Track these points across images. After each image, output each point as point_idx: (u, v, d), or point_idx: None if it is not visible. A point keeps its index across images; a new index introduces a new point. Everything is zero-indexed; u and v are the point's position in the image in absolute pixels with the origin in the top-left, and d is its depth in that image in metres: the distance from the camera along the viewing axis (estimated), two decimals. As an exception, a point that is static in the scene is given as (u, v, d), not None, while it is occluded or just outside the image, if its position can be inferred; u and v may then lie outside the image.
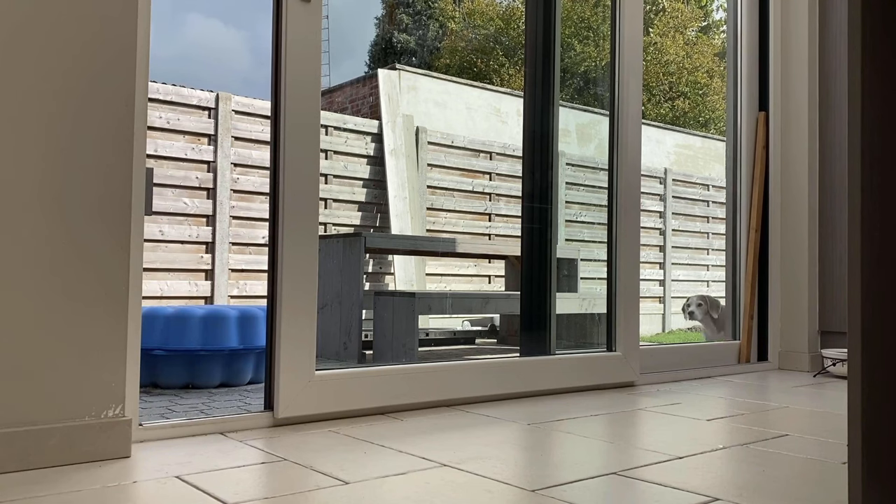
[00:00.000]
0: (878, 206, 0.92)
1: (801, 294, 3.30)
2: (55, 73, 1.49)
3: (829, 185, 3.32)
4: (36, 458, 1.43)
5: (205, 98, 5.21)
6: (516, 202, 6.64)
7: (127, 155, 1.57)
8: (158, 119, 4.96)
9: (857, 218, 0.92)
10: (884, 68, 0.92)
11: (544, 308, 2.79)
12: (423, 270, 5.99)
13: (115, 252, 1.54)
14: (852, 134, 0.93)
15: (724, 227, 3.55)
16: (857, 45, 0.92)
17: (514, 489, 1.35)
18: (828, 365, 3.10)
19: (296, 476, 1.41)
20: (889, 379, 0.91)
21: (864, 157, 0.92)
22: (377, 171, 5.99)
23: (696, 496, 1.33)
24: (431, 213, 6.24)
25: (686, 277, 8.51)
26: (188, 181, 5.09)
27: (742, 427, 1.97)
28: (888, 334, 0.91)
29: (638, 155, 2.76)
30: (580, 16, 6.92)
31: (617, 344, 2.69)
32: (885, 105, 0.92)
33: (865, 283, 0.91)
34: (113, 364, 1.54)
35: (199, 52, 46.86)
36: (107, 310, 1.53)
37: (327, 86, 8.08)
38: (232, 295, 5.23)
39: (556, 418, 2.04)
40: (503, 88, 9.82)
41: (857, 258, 0.91)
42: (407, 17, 18.65)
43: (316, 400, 1.92)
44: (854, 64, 0.93)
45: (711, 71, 16.52)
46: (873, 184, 0.92)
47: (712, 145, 10.19)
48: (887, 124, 0.92)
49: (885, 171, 0.92)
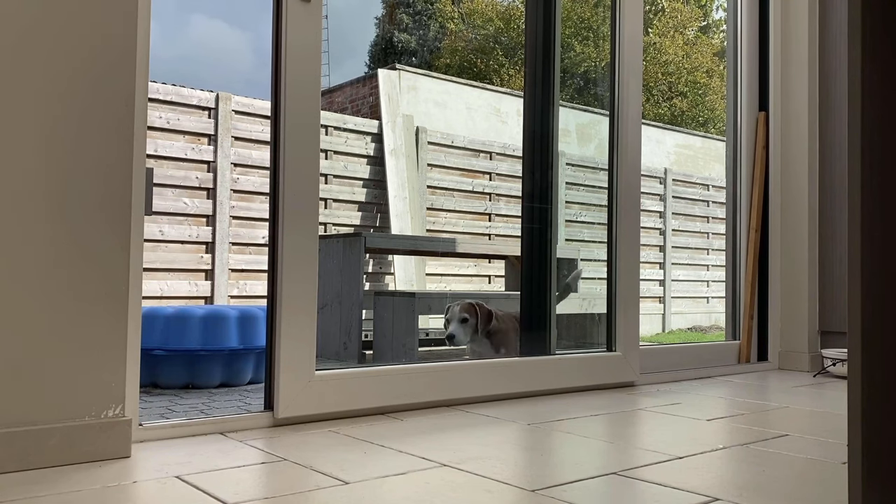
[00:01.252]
0: (878, 206, 0.92)
1: (801, 294, 3.30)
2: (57, 74, 1.49)
3: (829, 185, 3.32)
4: (36, 458, 1.43)
5: (205, 98, 5.21)
6: (516, 202, 6.63)
7: (127, 155, 1.57)
8: (158, 119, 4.96)
9: (857, 218, 0.91)
10: (884, 68, 0.92)
11: (544, 308, 2.79)
12: (423, 270, 5.99)
13: (115, 252, 1.54)
14: (852, 134, 0.93)
15: (724, 227, 3.55)
16: (857, 45, 0.92)
17: (514, 489, 1.35)
18: (828, 365, 3.10)
19: (296, 476, 1.41)
20: (889, 379, 0.91)
21: (864, 157, 0.91)
22: (377, 171, 5.99)
23: (696, 496, 1.33)
24: (431, 213, 6.24)
25: (686, 277, 8.51)
26: (188, 181, 5.09)
27: (742, 427, 1.96)
28: (888, 334, 0.91)
29: (638, 155, 2.76)
30: (580, 16, 6.92)
31: (617, 344, 2.69)
32: (885, 105, 0.92)
33: (865, 283, 0.91)
34: (113, 364, 1.54)
35: (203, 53, 46.89)
36: (107, 310, 1.53)
37: (327, 86, 8.08)
38: (232, 295, 5.23)
39: (556, 418, 2.04)
40: (503, 88, 9.82)
41: (857, 258, 0.91)
42: (407, 17, 18.65)
43: (316, 400, 1.92)
44: (854, 64, 0.93)
45: (711, 70, 16.52)
46: (873, 184, 0.92)
47: (712, 145, 10.19)
48: (887, 124, 0.92)
49: (885, 171, 0.92)
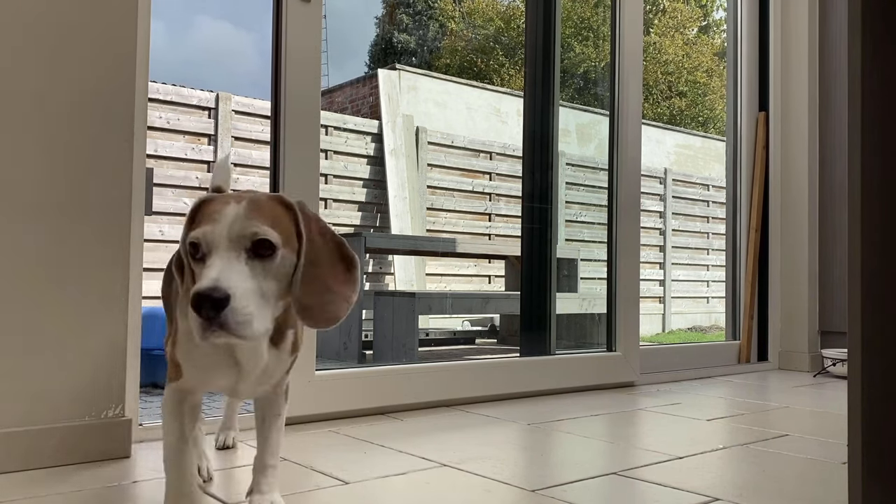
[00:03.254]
0: (879, 206, 0.92)
1: (801, 294, 3.30)
2: (57, 74, 1.49)
3: (829, 185, 3.32)
4: (36, 458, 1.43)
5: (205, 98, 5.21)
6: (516, 202, 6.63)
7: (127, 155, 1.57)
8: (158, 119, 4.96)
9: (857, 218, 0.91)
10: (884, 68, 0.92)
11: (544, 308, 2.79)
12: (423, 270, 5.98)
13: (115, 252, 1.54)
14: (852, 134, 0.93)
15: (724, 227, 3.55)
16: (857, 45, 0.92)
17: (514, 489, 1.35)
18: (828, 365, 3.10)
19: (296, 476, 1.41)
20: (889, 379, 0.91)
21: (864, 158, 0.91)
22: (377, 171, 5.99)
23: (696, 496, 1.32)
24: (431, 213, 6.24)
25: (686, 277, 8.50)
26: (188, 181, 5.09)
27: (742, 427, 1.96)
28: (888, 334, 0.91)
29: (638, 155, 2.76)
30: (580, 16, 6.91)
31: (617, 344, 2.69)
32: (885, 105, 0.92)
33: (865, 283, 0.91)
34: (113, 364, 1.54)
35: (208, 55, 46.90)
36: (107, 309, 1.53)
37: (327, 86, 8.08)
38: (232, 295, 5.22)
39: (556, 418, 2.04)
40: (503, 88, 9.81)
41: (857, 258, 0.91)
42: (407, 16, 18.65)
43: (316, 400, 1.92)
44: (854, 64, 0.93)
45: (711, 70, 16.52)
46: (873, 184, 0.92)
47: (712, 145, 10.19)
48: (887, 124, 0.92)
49: (886, 171, 0.92)
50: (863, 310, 0.91)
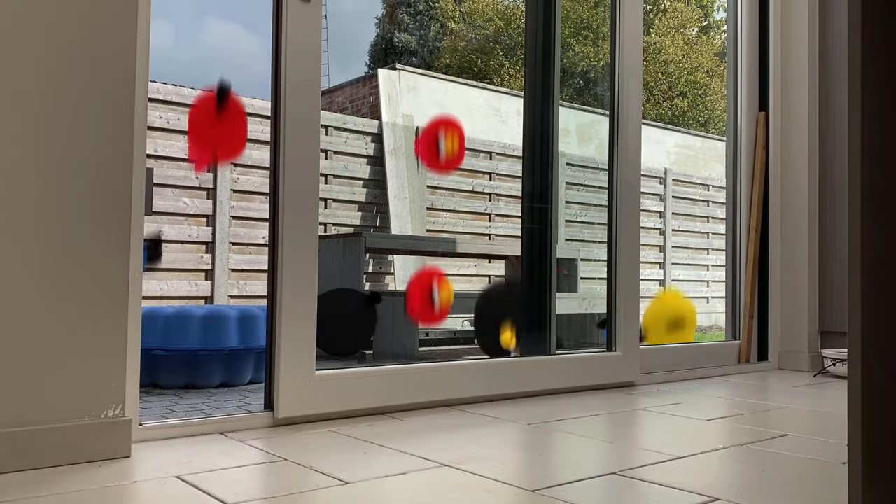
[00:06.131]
0: (878, 206, 0.92)
1: (801, 294, 3.30)
2: (56, 74, 1.49)
3: (829, 185, 3.32)
4: (36, 458, 1.43)
5: (205, 98, 5.21)
6: (516, 202, 6.63)
7: (127, 155, 1.57)
8: (158, 119, 4.96)
9: (857, 218, 0.91)
10: (884, 68, 0.92)
11: (544, 308, 2.79)
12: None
13: (115, 252, 1.54)
14: (852, 134, 0.93)
15: (724, 227, 3.55)
16: (857, 45, 0.92)
17: (514, 489, 1.35)
18: (828, 365, 3.10)
19: (296, 476, 1.41)
20: (889, 379, 0.91)
21: (864, 157, 0.91)
22: (377, 171, 5.99)
23: (696, 496, 1.32)
24: (431, 213, 6.24)
25: (686, 277, 8.50)
26: (188, 181, 5.09)
27: (742, 427, 1.96)
28: (888, 334, 0.91)
29: (638, 155, 2.76)
30: (580, 16, 6.92)
31: (617, 344, 2.69)
32: (885, 105, 0.92)
33: (865, 283, 0.91)
34: (113, 364, 1.54)
35: (219, 56, 47.11)
36: (107, 310, 1.53)
37: (327, 86, 8.08)
38: (232, 295, 5.23)
39: (556, 418, 2.04)
40: (503, 88, 9.82)
41: (857, 258, 0.91)
42: (407, 16, 18.64)
43: (316, 400, 1.92)
44: (854, 64, 0.93)
45: (711, 70, 16.52)
46: (873, 184, 0.92)
47: (712, 145, 10.19)
48: (887, 124, 0.92)
49: (885, 170, 0.92)
50: (863, 310, 0.91)
